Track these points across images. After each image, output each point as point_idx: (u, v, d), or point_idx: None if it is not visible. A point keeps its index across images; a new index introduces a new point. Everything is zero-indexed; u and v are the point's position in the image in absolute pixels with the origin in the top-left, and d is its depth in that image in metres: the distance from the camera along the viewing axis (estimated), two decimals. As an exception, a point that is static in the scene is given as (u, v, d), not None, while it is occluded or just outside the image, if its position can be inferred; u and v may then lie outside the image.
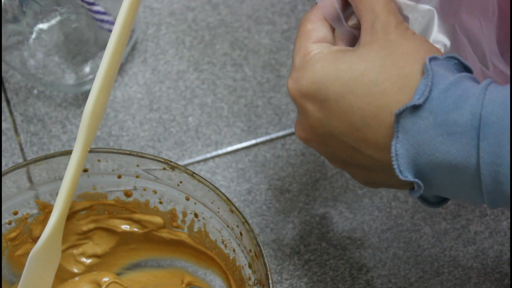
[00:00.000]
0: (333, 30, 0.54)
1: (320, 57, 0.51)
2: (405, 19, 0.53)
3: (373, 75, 0.49)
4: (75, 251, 0.63)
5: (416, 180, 0.48)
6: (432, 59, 0.48)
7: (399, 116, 0.47)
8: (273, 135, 0.72)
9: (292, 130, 0.72)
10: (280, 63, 0.75)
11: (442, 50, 0.53)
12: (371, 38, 0.50)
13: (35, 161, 0.59)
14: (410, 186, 0.50)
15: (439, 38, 0.54)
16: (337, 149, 0.52)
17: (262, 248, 0.55)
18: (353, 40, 0.53)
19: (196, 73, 0.74)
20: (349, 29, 0.53)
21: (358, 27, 0.53)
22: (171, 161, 0.58)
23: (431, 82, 0.47)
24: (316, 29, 0.53)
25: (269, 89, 0.74)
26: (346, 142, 0.51)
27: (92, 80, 0.70)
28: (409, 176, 0.48)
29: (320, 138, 0.52)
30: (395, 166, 0.48)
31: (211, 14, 0.77)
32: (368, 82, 0.49)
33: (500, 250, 0.68)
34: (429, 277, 0.67)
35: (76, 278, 0.63)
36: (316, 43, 0.52)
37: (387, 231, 0.69)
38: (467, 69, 0.50)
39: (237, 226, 0.57)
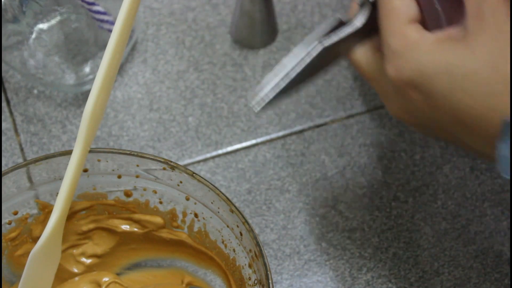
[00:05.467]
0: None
1: (426, 46, 0.48)
2: None
3: (485, 74, 0.46)
4: (75, 251, 0.63)
5: None
6: None
7: (508, 122, 0.45)
8: (273, 135, 0.72)
9: (292, 130, 0.72)
10: (280, 63, 0.75)
11: None
12: (480, 25, 0.46)
13: (35, 161, 0.59)
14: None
15: None
16: (436, 131, 0.50)
17: (262, 248, 0.55)
18: (437, 19, 0.50)
19: (196, 73, 0.74)
20: (435, 7, 0.50)
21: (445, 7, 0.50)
22: (171, 161, 0.58)
23: None
24: (405, 5, 0.49)
25: (269, 89, 0.74)
26: (448, 129, 0.49)
27: (92, 80, 0.70)
28: None
29: (419, 121, 0.51)
30: (500, 167, 0.46)
31: (211, 14, 0.77)
32: (480, 80, 0.46)
33: (500, 250, 0.68)
34: (429, 277, 0.67)
35: (76, 278, 0.63)
36: (411, 25, 0.49)
37: (387, 231, 0.69)
38: None
39: (237, 226, 0.57)
